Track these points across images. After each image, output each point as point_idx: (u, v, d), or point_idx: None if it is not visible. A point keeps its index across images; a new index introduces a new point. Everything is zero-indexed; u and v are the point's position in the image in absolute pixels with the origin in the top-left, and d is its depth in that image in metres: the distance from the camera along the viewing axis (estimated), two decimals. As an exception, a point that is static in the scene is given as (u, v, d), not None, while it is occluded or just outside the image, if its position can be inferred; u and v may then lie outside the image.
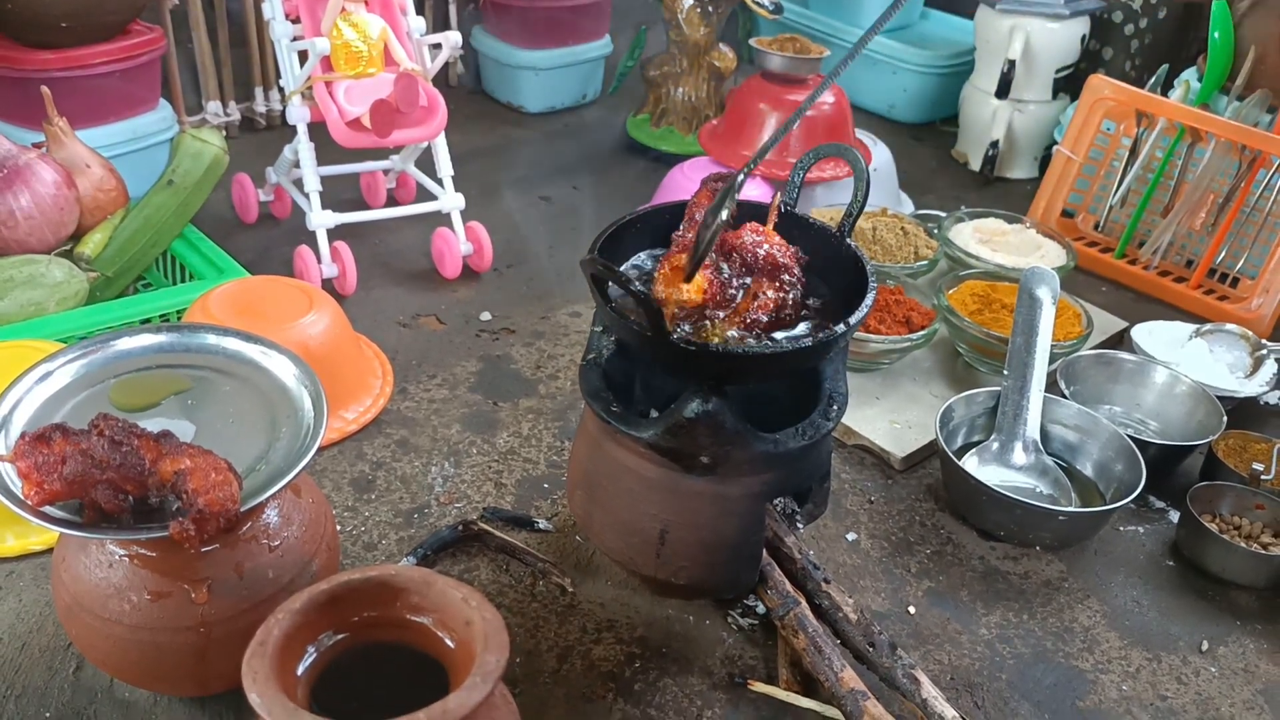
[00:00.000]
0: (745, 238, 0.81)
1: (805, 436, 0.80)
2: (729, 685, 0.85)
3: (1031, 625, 0.94)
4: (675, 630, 0.90)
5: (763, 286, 0.81)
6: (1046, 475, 1.07)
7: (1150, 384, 1.20)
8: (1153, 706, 0.87)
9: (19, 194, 1.09)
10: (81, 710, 0.79)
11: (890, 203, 1.62)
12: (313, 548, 0.77)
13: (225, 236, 1.41)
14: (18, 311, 1.06)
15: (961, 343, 1.24)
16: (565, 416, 1.15)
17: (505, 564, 0.95)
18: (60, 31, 1.32)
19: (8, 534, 0.92)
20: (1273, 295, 1.40)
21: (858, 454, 1.13)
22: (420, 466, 1.06)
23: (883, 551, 1.01)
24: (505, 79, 1.98)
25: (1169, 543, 1.05)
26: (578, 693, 0.84)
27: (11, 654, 0.83)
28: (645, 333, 0.73)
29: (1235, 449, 1.12)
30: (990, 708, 0.85)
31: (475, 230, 1.40)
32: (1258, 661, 0.92)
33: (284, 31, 1.28)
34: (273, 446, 0.74)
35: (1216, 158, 1.45)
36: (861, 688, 0.79)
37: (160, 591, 0.71)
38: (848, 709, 0.78)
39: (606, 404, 0.80)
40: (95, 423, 0.67)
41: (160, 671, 0.73)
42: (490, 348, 1.27)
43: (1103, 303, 1.46)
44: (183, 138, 1.23)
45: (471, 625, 0.61)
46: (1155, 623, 0.95)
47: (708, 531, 0.84)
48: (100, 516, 0.67)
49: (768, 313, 0.80)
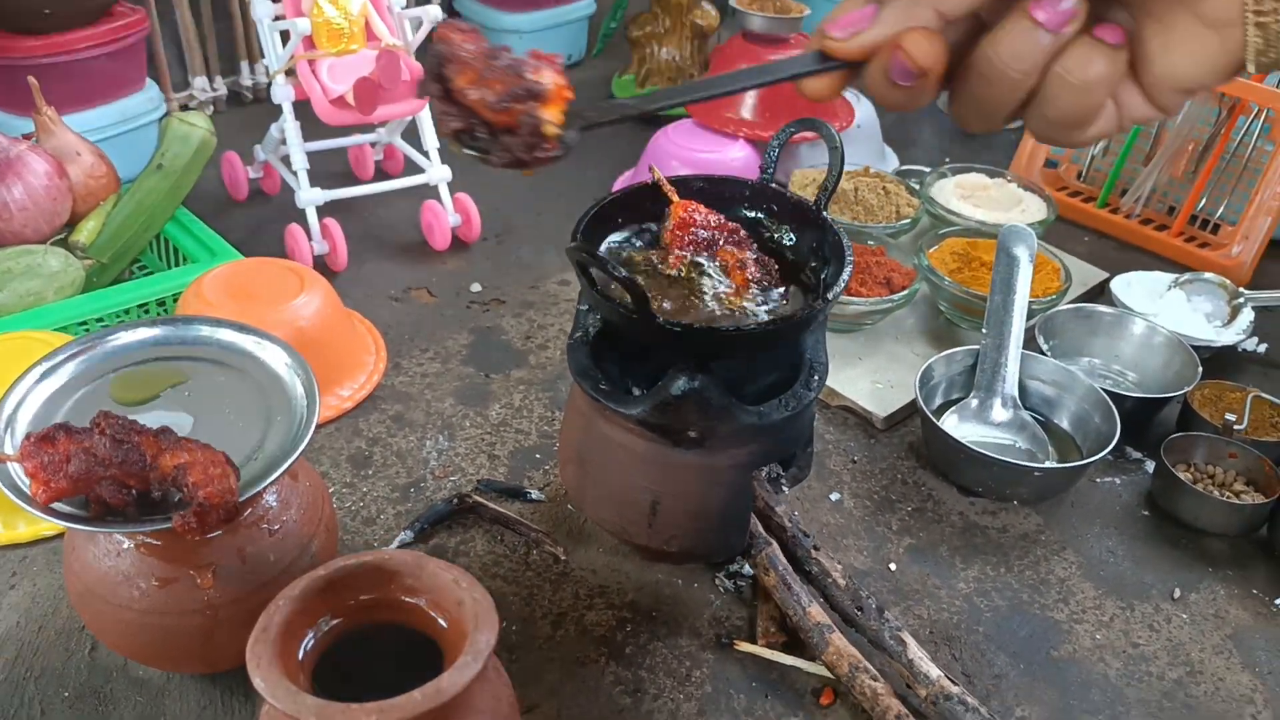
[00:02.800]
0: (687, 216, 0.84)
1: (788, 408, 0.83)
2: (716, 646, 0.89)
3: (1009, 578, 0.97)
4: (664, 594, 0.93)
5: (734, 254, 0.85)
6: (1024, 431, 1.10)
7: (1128, 336, 1.22)
8: (1125, 654, 0.91)
9: (12, 186, 1.11)
10: (98, 689, 0.83)
11: (875, 159, 1.63)
12: (311, 529, 0.81)
13: (217, 215, 1.43)
14: (17, 302, 1.09)
15: (942, 301, 1.26)
16: (555, 387, 1.18)
17: (500, 535, 0.98)
18: (44, 17, 1.33)
19: (19, 521, 0.95)
20: (1252, 241, 1.42)
21: (841, 415, 1.16)
22: (415, 441, 1.09)
23: (865, 510, 1.04)
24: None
25: (1144, 493, 1.08)
26: (572, 657, 0.87)
27: (29, 636, 0.87)
28: (631, 314, 0.75)
29: (1211, 398, 1.14)
30: (968, 659, 0.89)
31: (463, 201, 1.42)
32: (1228, 607, 0.96)
33: (265, 11, 1.28)
34: (268, 435, 0.77)
35: (1196, 105, 1.46)
36: (827, 621, 0.83)
37: (167, 578, 0.74)
38: (813, 641, 0.83)
39: (595, 382, 0.83)
40: (97, 421, 0.70)
41: (170, 652, 0.77)
42: (481, 319, 1.30)
43: (1085, 253, 1.48)
44: (170, 121, 1.24)
45: (463, 606, 0.64)
46: (1129, 572, 0.99)
47: (697, 501, 0.87)
48: (105, 510, 0.70)
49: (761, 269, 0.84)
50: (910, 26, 0.47)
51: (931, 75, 0.47)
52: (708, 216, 0.87)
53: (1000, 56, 0.46)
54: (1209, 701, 0.87)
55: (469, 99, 0.54)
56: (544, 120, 0.54)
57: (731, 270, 0.85)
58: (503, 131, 0.54)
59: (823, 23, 0.49)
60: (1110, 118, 0.48)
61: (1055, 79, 0.46)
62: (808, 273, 0.87)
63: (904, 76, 0.47)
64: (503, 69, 0.55)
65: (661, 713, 0.83)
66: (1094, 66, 0.45)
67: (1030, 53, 0.45)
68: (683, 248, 0.86)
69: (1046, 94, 0.47)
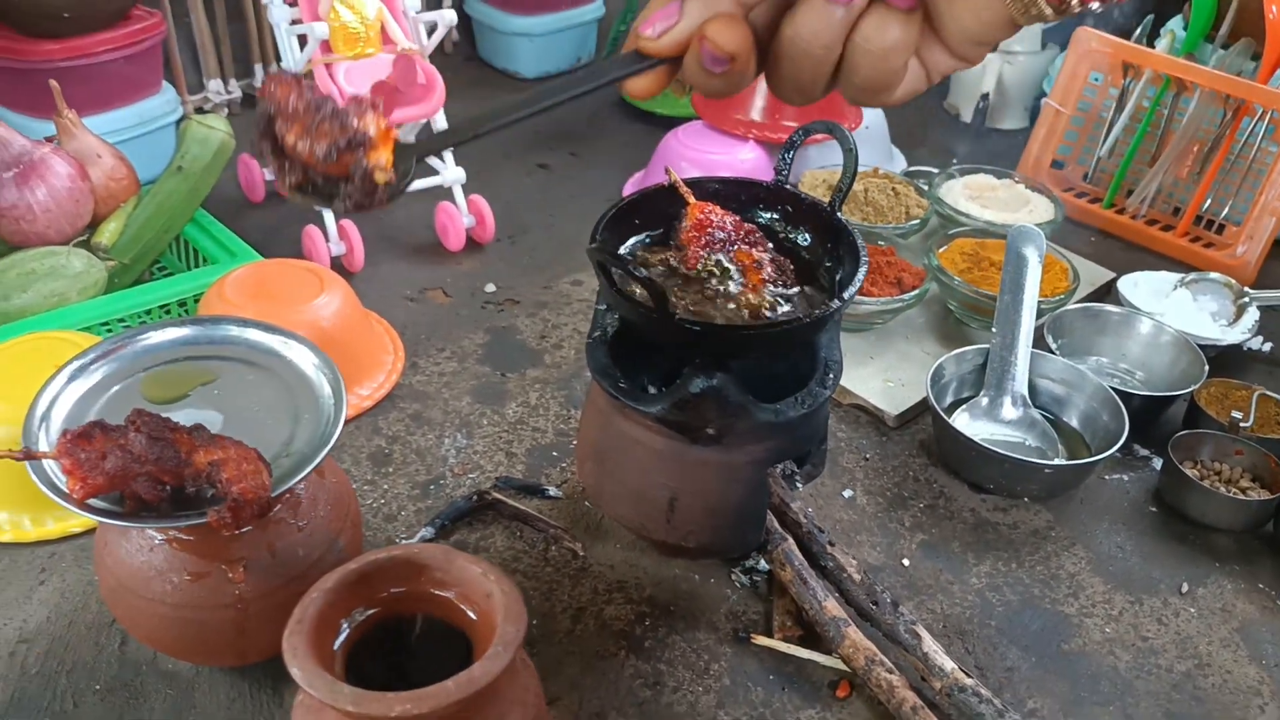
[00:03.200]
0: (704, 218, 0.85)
1: (804, 405, 0.84)
2: (734, 640, 0.90)
3: (1020, 574, 0.99)
4: (682, 589, 0.95)
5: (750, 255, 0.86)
6: (1034, 428, 1.11)
7: (1135, 335, 1.24)
8: (1134, 647, 0.92)
9: (35, 188, 1.13)
10: (129, 682, 0.85)
11: (883, 159, 1.65)
12: (338, 525, 0.82)
13: (234, 217, 1.45)
14: (42, 302, 1.11)
15: (952, 300, 1.28)
16: (570, 385, 1.20)
17: (519, 531, 1.00)
18: (63, 21, 1.35)
19: (47, 518, 0.97)
20: (1257, 241, 1.43)
21: (853, 413, 1.17)
22: (434, 439, 1.11)
23: (878, 507, 1.05)
24: (500, 46, 2.00)
25: (1152, 490, 1.09)
26: (592, 651, 0.89)
27: (60, 631, 0.89)
28: (652, 314, 0.77)
29: (1216, 397, 1.16)
30: (980, 653, 0.91)
31: (477, 202, 1.44)
32: (1234, 601, 0.97)
33: (282, 15, 1.30)
34: (296, 433, 0.79)
35: (1201, 107, 1.48)
36: (843, 615, 0.85)
37: (199, 572, 0.76)
38: (830, 635, 0.85)
39: (614, 381, 0.85)
40: (132, 419, 0.71)
41: (202, 646, 0.79)
42: (496, 319, 1.31)
43: (1092, 253, 1.50)
44: (189, 124, 1.26)
45: (491, 598, 0.66)
46: (1138, 567, 1.01)
47: (715, 497, 0.89)
48: (140, 506, 0.72)
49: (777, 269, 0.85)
50: (713, 15, 0.49)
51: (740, 59, 0.49)
52: (724, 218, 0.88)
53: (801, 35, 0.48)
54: (1217, 693, 0.89)
55: (299, 154, 0.56)
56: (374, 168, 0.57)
57: (748, 270, 0.86)
58: (339, 180, 0.56)
59: (635, 23, 0.51)
60: (917, 77, 0.50)
61: (856, 49, 0.48)
62: (823, 273, 0.89)
63: (715, 64, 0.49)
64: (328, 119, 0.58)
65: (681, 705, 0.85)
66: (890, 33, 0.48)
67: (828, 28, 0.48)
68: (700, 248, 0.88)
69: (850, 63, 0.49)
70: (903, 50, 0.48)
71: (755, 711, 0.84)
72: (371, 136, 0.57)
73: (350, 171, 0.57)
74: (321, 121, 0.59)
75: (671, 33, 0.50)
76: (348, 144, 0.57)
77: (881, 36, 0.48)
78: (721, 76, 0.50)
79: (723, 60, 0.49)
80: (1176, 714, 0.87)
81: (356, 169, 0.57)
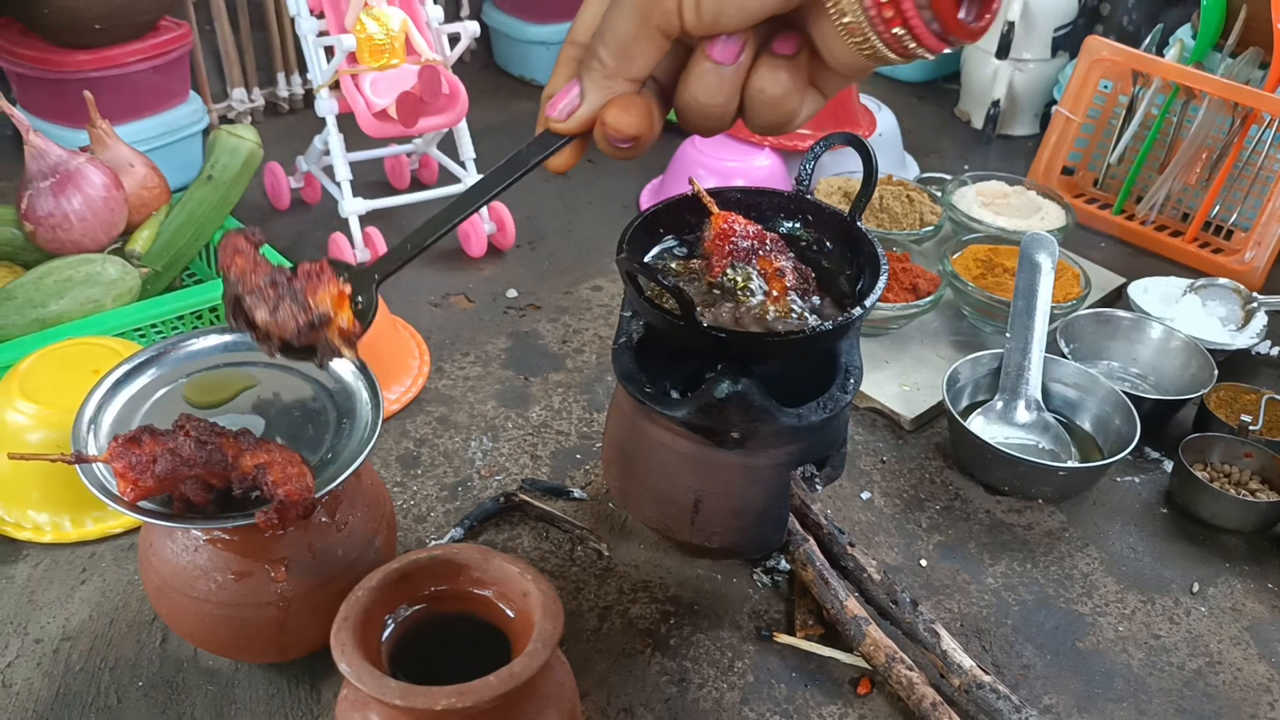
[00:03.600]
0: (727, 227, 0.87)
1: (826, 410, 0.87)
2: (757, 638, 0.93)
3: (1035, 574, 1.01)
4: (705, 588, 0.97)
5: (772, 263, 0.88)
6: (1048, 432, 1.14)
7: (1146, 340, 1.26)
8: (1146, 645, 0.95)
9: (71, 197, 1.16)
10: (170, 678, 0.87)
11: (895, 166, 1.67)
12: (375, 526, 0.85)
13: (261, 224, 1.48)
14: (78, 309, 1.13)
15: (966, 305, 1.30)
16: (592, 389, 1.22)
17: (545, 532, 1.03)
18: (94, 33, 1.38)
19: (87, 519, 1.00)
20: (1265, 247, 1.46)
21: (870, 416, 1.20)
22: (460, 442, 1.13)
23: (895, 508, 1.08)
24: (517, 53, 2.03)
25: (1163, 491, 1.12)
26: (618, 649, 0.91)
27: (102, 629, 0.92)
28: (679, 322, 0.79)
29: (1226, 400, 1.18)
30: (997, 650, 0.93)
31: (498, 209, 1.47)
32: (1244, 600, 1.00)
33: (310, 28, 1.33)
34: (336, 438, 0.81)
35: (1210, 115, 1.50)
36: (864, 614, 0.88)
37: (242, 571, 0.78)
38: (851, 633, 0.88)
39: (640, 386, 0.87)
40: (180, 424, 0.74)
41: (245, 643, 0.81)
42: (518, 324, 1.34)
43: (1102, 259, 1.52)
44: (219, 134, 1.29)
45: (528, 596, 0.68)
46: (1149, 567, 1.03)
47: (738, 499, 0.91)
48: (187, 508, 0.75)
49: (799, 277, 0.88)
50: (610, 98, 0.52)
51: (643, 136, 0.52)
52: (746, 227, 0.91)
53: (696, 98, 0.51)
54: (1228, 690, 0.91)
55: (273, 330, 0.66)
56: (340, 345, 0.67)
57: (770, 278, 0.89)
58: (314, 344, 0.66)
59: (543, 102, 0.54)
60: (814, 100, 0.52)
61: (752, 99, 0.51)
62: (843, 281, 0.91)
63: (619, 143, 0.52)
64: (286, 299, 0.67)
65: (706, 701, 0.87)
66: (780, 81, 0.50)
67: (719, 87, 0.50)
68: (723, 256, 0.90)
69: (750, 110, 0.52)
70: (796, 91, 0.51)
71: (779, 708, 0.87)
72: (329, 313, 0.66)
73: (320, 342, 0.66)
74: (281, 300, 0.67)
75: (576, 115, 0.53)
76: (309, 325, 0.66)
77: (774, 86, 0.50)
78: (629, 149, 0.53)
79: (625, 141, 0.52)
80: (1188, 710, 0.89)
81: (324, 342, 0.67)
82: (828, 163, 1.56)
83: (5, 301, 1.12)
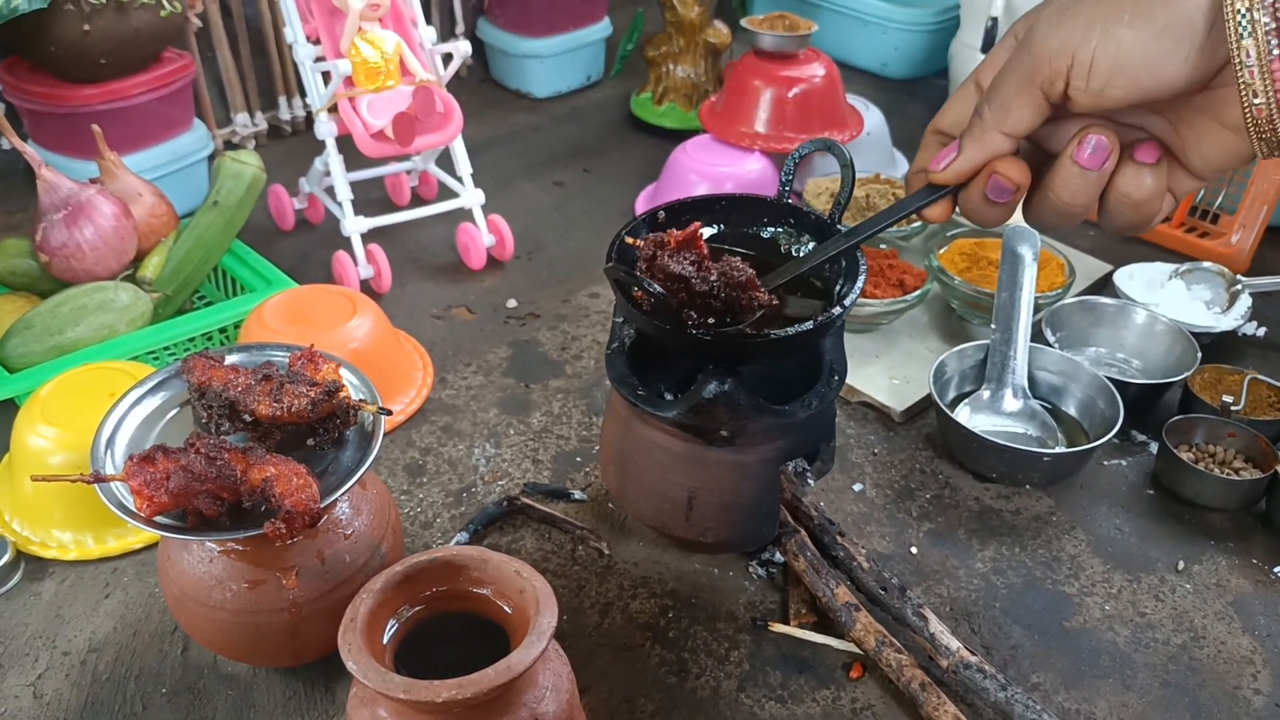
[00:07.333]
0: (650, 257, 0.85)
1: (811, 406, 0.90)
2: (752, 628, 0.96)
3: (1023, 557, 1.04)
4: (702, 582, 1.01)
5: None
6: (1034, 419, 1.17)
7: (1131, 325, 1.29)
8: (1133, 622, 0.98)
9: (84, 228, 1.20)
10: (192, 685, 0.92)
11: (884, 164, 1.70)
12: (380, 532, 0.89)
13: (267, 245, 1.52)
14: (93, 335, 1.18)
15: (953, 299, 1.33)
16: (591, 394, 1.26)
17: (547, 533, 1.06)
18: (100, 67, 1.43)
19: (109, 536, 1.04)
20: (1250, 229, 1.48)
21: (861, 410, 1.23)
22: (464, 449, 1.17)
23: (886, 499, 1.11)
24: (512, 67, 2.07)
25: (1149, 473, 1.15)
26: (620, 643, 0.95)
27: (126, 639, 0.96)
28: (665, 326, 0.83)
29: (1210, 382, 1.21)
30: (986, 632, 0.96)
31: (496, 222, 1.50)
32: (1229, 576, 1.03)
33: (307, 54, 1.37)
34: (339, 449, 0.85)
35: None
36: (854, 601, 0.92)
37: (256, 580, 0.82)
38: (842, 620, 0.91)
39: (633, 388, 0.91)
40: (191, 441, 0.78)
41: (260, 648, 0.85)
42: (518, 333, 1.38)
43: (1089, 246, 1.55)
44: (223, 161, 1.33)
45: (525, 593, 0.72)
46: (1135, 547, 1.06)
47: (730, 495, 0.95)
48: (201, 521, 0.79)
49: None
50: (985, 154, 0.58)
51: (1022, 189, 0.58)
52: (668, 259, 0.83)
53: (1060, 198, 0.57)
54: (1212, 664, 0.94)
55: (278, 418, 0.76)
56: (360, 402, 0.80)
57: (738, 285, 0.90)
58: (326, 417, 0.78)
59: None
60: (1168, 204, 0.58)
61: (1114, 202, 0.57)
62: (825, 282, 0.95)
63: (1000, 194, 0.58)
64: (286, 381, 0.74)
65: (704, 690, 0.91)
66: (1145, 186, 0.55)
67: (1083, 190, 0.56)
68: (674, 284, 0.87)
69: (1110, 211, 0.59)
70: (1158, 196, 0.56)
71: (774, 694, 0.90)
72: (338, 382, 0.76)
73: (335, 412, 0.78)
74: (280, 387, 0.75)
75: (953, 166, 0.60)
76: (325, 394, 0.76)
77: (1139, 190, 0.55)
78: (1002, 206, 0.59)
79: (1009, 190, 0.58)
80: (1172, 684, 0.92)
81: (340, 409, 0.77)
82: (817, 163, 1.60)
83: (24, 330, 1.16)
